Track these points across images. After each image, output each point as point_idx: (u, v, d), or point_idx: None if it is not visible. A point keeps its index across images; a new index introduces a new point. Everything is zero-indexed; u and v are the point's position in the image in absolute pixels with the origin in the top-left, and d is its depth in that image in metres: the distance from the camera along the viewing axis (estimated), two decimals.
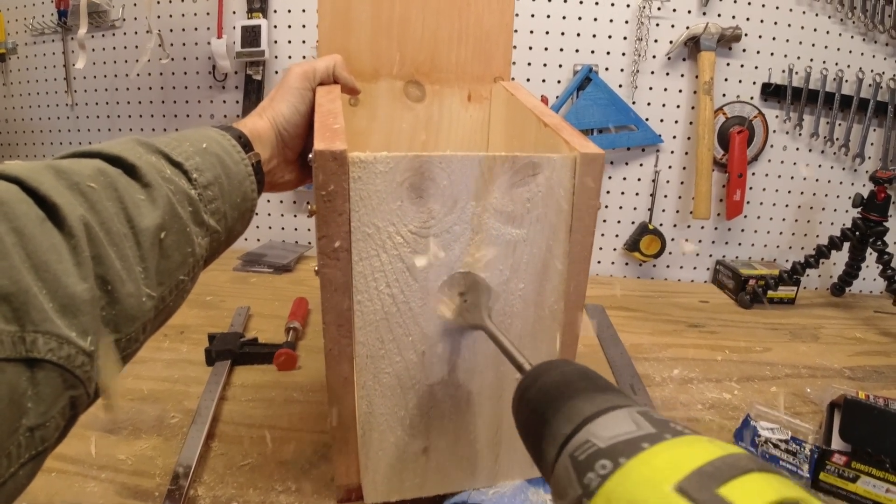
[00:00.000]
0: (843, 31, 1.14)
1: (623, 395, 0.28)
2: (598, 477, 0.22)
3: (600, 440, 0.24)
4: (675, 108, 1.17)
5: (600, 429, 0.25)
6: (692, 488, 0.19)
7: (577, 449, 0.25)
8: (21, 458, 0.26)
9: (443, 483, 0.52)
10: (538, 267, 0.46)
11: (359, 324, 0.44)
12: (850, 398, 0.61)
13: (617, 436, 0.24)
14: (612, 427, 0.24)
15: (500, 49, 0.70)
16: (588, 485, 0.22)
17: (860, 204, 1.02)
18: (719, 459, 0.20)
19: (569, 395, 0.28)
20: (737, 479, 0.19)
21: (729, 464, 0.20)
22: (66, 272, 0.28)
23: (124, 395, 0.68)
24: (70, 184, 0.31)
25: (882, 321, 1.08)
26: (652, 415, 0.25)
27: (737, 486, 0.19)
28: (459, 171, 0.41)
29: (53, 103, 1.31)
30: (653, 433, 0.23)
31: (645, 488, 0.20)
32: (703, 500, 0.19)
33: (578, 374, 0.30)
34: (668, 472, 0.20)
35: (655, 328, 0.98)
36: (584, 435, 0.25)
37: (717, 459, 0.20)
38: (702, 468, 0.20)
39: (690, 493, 0.19)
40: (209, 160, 0.41)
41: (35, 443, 0.26)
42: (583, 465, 0.23)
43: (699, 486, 0.19)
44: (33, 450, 0.26)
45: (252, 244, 1.27)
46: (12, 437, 0.25)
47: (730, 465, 0.20)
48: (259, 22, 1.13)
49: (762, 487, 0.19)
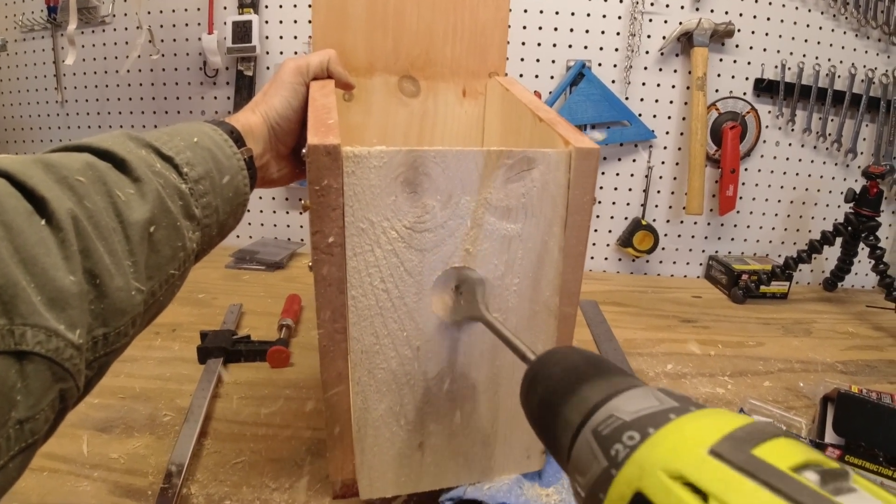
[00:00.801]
0: (836, 27, 1.14)
1: (634, 378, 0.28)
2: (625, 448, 0.22)
3: (625, 414, 0.24)
4: (667, 104, 1.17)
5: (623, 404, 0.25)
6: (727, 451, 0.20)
7: (600, 424, 0.25)
8: (11, 450, 0.26)
9: (439, 478, 0.52)
10: (533, 262, 0.46)
11: (353, 319, 0.44)
12: (844, 392, 0.61)
13: (641, 409, 0.24)
14: (635, 403, 0.25)
15: (496, 44, 0.69)
16: (615, 456, 0.23)
17: (852, 199, 1.03)
18: (749, 425, 0.21)
19: (583, 378, 0.28)
20: (767, 443, 0.20)
21: (758, 429, 0.21)
22: (54, 266, 0.28)
23: (116, 393, 0.68)
24: (59, 178, 0.31)
25: (874, 315, 1.08)
26: (672, 392, 0.25)
27: (768, 448, 0.20)
28: (454, 165, 0.41)
29: (43, 100, 1.30)
30: (677, 406, 0.24)
31: (679, 454, 0.21)
32: (739, 460, 0.19)
33: (588, 358, 0.31)
34: (700, 438, 0.21)
35: (649, 323, 0.99)
36: (606, 411, 0.25)
37: (746, 425, 0.21)
38: (733, 433, 0.21)
39: (725, 455, 0.19)
40: (201, 154, 0.41)
41: (25, 435, 0.26)
42: (608, 438, 0.24)
43: (733, 448, 0.20)
44: (23, 442, 0.26)
45: (244, 241, 1.27)
46: (2, 430, 0.25)
47: (759, 431, 0.21)
48: (250, 17, 1.13)
49: (792, 449, 0.20)
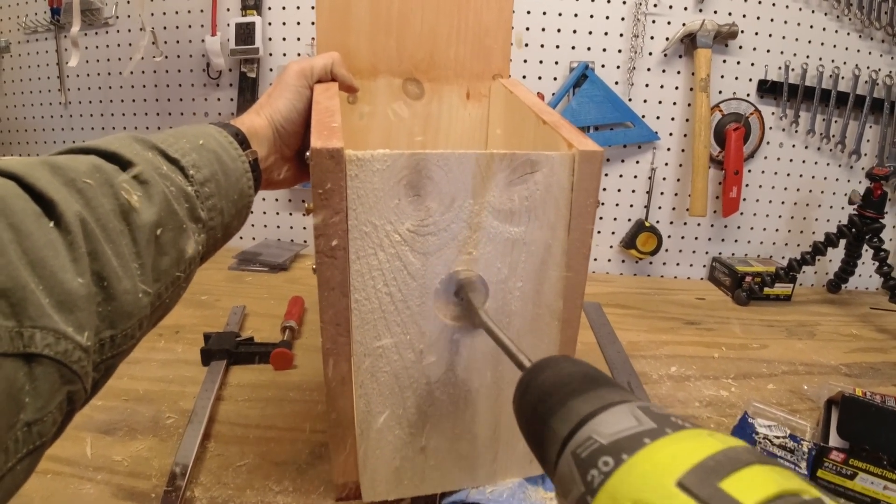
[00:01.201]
0: (840, 28, 1.14)
1: (623, 391, 0.28)
2: (600, 474, 0.22)
3: (602, 437, 0.24)
4: (671, 105, 1.17)
5: (602, 425, 0.25)
6: (694, 483, 0.19)
7: (579, 446, 0.25)
8: (18, 452, 0.26)
9: (441, 482, 0.52)
10: (536, 265, 0.46)
11: (356, 322, 0.43)
12: (848, 395, 0.61)
13: (619, 432, 0.24)
14: (614, 423, 0.24)
15: (499, 46, 0.69)
16: (591, 482, 0.23)
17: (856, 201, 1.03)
18: (720, 453, 0.21)
19: (568, 393, 0.28)
20: (738, 473, 0.19)
21: (730, 457, 0.20)
22: (62, 268, 0.28)
23: (119, 395, 0.68)
24: (66, 180, 0.31)
25: (878, 318, 1.08)
26: (652, 409, 0.25)
27: (738, 479, 0.19)
28: (457, 168, 0.41)
29: (47, 102, 1.30)
30: (654, 428, 0.23)
31: (648, 484, 0.20)
32: (704, 495, 0.19)
33: (577, 371, 0.30)
34: (669, 467, 0.20)
35: (652, 325, 0.98)
36: (585, 432, 0.25)
37: (718, 453, 0.20)
38: (703, 462, 0.20)
39: (692, 489, 0.19)
40: (206, 157, 0.41)
41: (32, 438, 0.26)
42: (585, 462, 0.24)
43: (701, 480, 0.19)
44: (31, 445, 0.26)
45: (247, 243, 1.27)
46: (10, 432, 0.25)
47: (731, 459, 0.20)
48: (253, 19, 1.13)
49: (763, 480, 0.19)
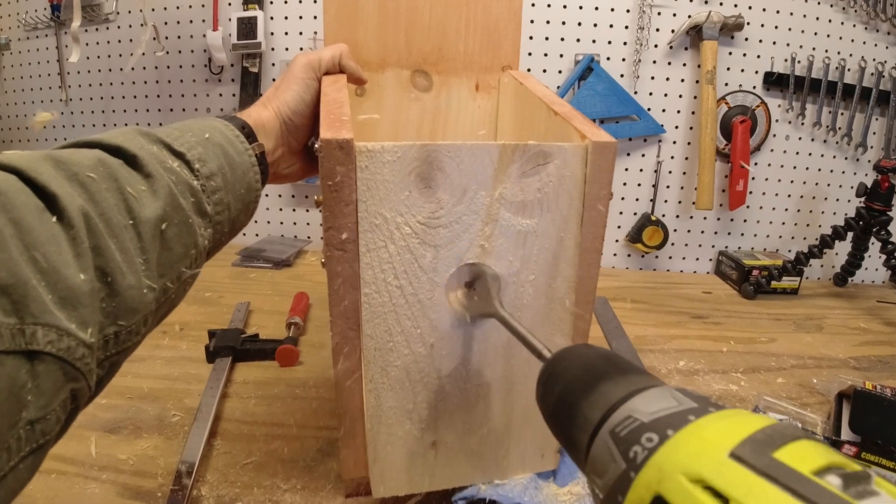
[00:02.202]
0: (846, 20, 1.13)
1: (652, 376, 0.28)
2: (644, 450, 0.22)
3: (643, 415, 0.24)
4: (677, 98, 1.16)
5: (641, 405, 0.25)
6: (747, 454, 0.19)
7: (617, 425, 0.24)
8: (21, 451, 0.25)
9: (452, 477, 0.51)
10: (549, 258, 0.45)
11: (366, 316, 0.43)
12: (860, 390, 0.61)
13: (660, 410, 0.24)
14: (653, 403, 0.24)
15: (509, 38, 0.68)
16: (634, 458, 0.22)
17: (864, 193, 1.02)
18: (769, 427, 0.21)
19: (601, 376, 0.28)
20: (788, 445, 0.20)
21: (778, 431, 0.21)
22: (65, 263, 0.27)
23: (124, 393, 0.67)
24: (69, 174, 0.30)
25: (886, 311, 1.08)
26: (690, 392, 0.25)
27: (790, 451, 0.19)
28: (469, 160, 0.40)
29: (48, 99, 1.29)
30: (696, 407, 0.23)
31: (699, 457, 0.20)
32: (760, 464, 0.19)
33: (606, 357, 0.30)
34: (720, 440, 0.20)
35: (659, 320, 0.98)
36: (623, 412, 0.25)
37: (766, 427, 0.21)
38: (753, 436, 0.20)
39: (746, 459, 0.19)
40: (212, 150, 0.41)
41: (36, 436, 0.26)
42: (626, 440, 0.23)
43: (754, 451, 0.19)
44: (34, 443, 0.26)
45: (251, 239, 1.26)
46: (12, 431, 0.25)
47: (779, 433, 0.20)
48: (255, 13, 1.12)
49: (813, 452, 0.20)
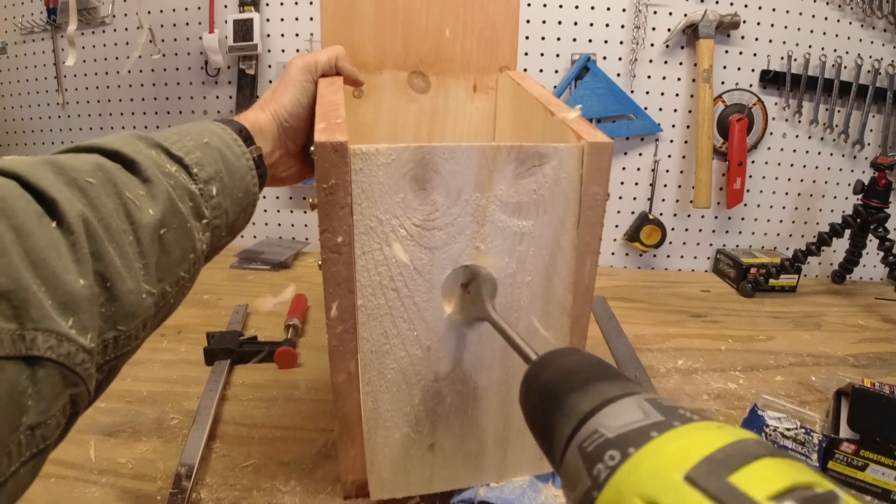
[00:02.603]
0: (842, 17, 1.13)
1: (630, 382, 0.28)
2: (606, 468, 0.22)
3: (608, 430, 0.24)
4: (673, 97, 1.16)
5: (608, 419, 0.24)
6: (702, 477, 0.19)
7: (585, 440, 0.24)
8: (22, 456, 0.25)
9: (450, 479, 0.51)
10: (545, 259, 0.45)
11: (362, 319, 0.43)
12: (858, 387, 0.61)
13: (625, 425, 0.23)
14: (621, 416, 0.24)
15: (507, 38, 0.68)
16: (597, 476, 0.22)
17: (861, 191, 1.02)
18: (730, 446, 0.20)
19: (575, 385, 0.28)
20: (748, 466, 0.19)
21: (739, 450, 0.20)
22: (65, 269, 0.27)
23: (123, 397, 0.67)
24: (68, 179, 0.30)
25: (883, 308, 1.08)
26: (660, 402, 0.25)
27: (748, 472, 0.19)
28: (464, 161, 0.40)
29: (45, 102, 1.29)
30: (661, 421, 0.23)
31: (654, 479, 0.20)
32: (713, 489, 0.18)
33: (584, 363, 0.30)
34: (677, 461, 0.20)
35: (658, 318, 0.98)
36: (592, 425, 0.25)
37: (727, 446, 0.20)
38: (712, 455, 0.20)
39: (700, 483, 0.19)
40: (210, 155, 0.41)
41: (36, 441, 0.26)
42: (591, 456, 0.23)
43: (709, 474, 0.19)
44: (34, 448, 0.26)
45: (248, 241, 1.26)
46: (13, 436, 0.25)
47: (740, 452, 0.20)
48: (251, 15, 1.12)
49: (774, 473, 0.19)
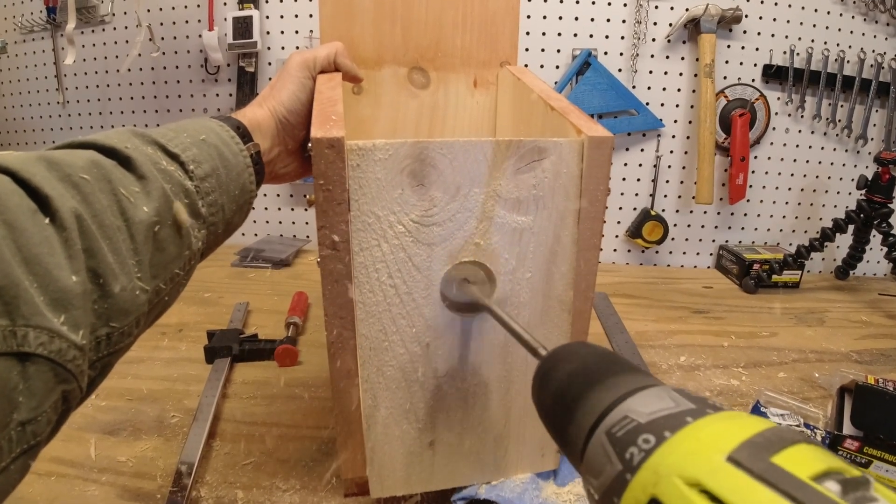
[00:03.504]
0: (844, 12, 1.12)
1: (651, 376, 0.27)
2: (640, 451, 0.22)
3: (640, 416, 0.23)
4: (675, 92, 1.16)
5: (638, 405, 0.24)
6: (745, 458, 0.19)
7: (614, 426, 0.24)
8: (13, 452, 0.25)
9: (450, 477, 0.51)
10: (546, 255, 0.45)
11: (361, 316, 0.43)
12: (862, 384, 0.60)
13: (657, 411, 0.23)
14: (651, 404, 0.24)
15: (507, 33, 0.68)
16: (630, 459, 0.22)
17: (864, 186, 1.01)
18: (768, 430, 0.20)
19: (597, 375, 0.27)
20: (787, 449, 0.19)
21: (777, 435, 0.20)
22: (57, 265, 0.27)
23: (123, 395, 0.67)
24: (62, 175, 0.30)
25: (887, 304, 1.07)
26: (688, 392, 0.25)
27: (788, 455, 0.19)
28: (462, 157, 0.40)
29: (45, 101, 1.29)
30: (693, 408, 0.23)
31: (696, 459, 0.20)
32: (758, 468, 0.18)
33: (600, 355, 0.30)
34: (717, 443, 0.20)
35: (660, 315, 0.98)
36: (620, 412, 0.24)
37: (765, 431, 0.20)
38: (751, 439, 0.20)
39: (744, 463, 0.19)
40: (207, 152, 0.40)
41: (27, 437, 0.26)
42: (622, 440, 0.23)
43: (752, 455, 0.19)
44: (25, 444, 0.26)
45: (249, 239, 1.26)
46: (3, 432, 0.25)
47: (778, 437, 0.20)
48: (251, 13, 1.11)
49: (812, 457, 0.19)
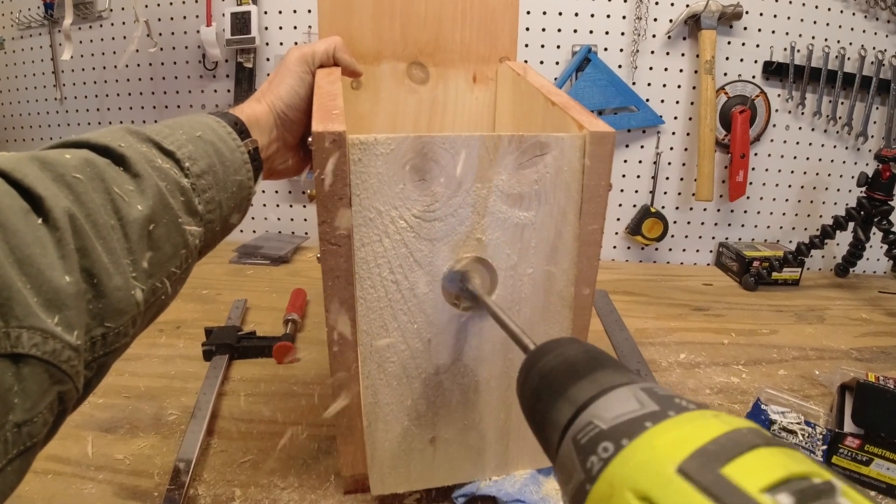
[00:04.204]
0: (845, 8, 1.12)
1: (627, 372, 0.27)
2: (600, 461, 0.22)
3: (603, 421, 0.23)
4: (675, 89, 1.15)
5: (603, 409, 0.24)
6: (695, 469, 0.18)
7: (579, 432, 0.24)
8: (9, 454, 0.25)
9: (451, 474, 0.51)
10: (547, 250, 0.44)
11: (362, 312, 0.42)
12: (863, 382, 0.60)
13: (620, 416, 0.23)
14: (616, 407, 0.24)
15: (506, 28, 0.67)
16: (591, 469, 0.22)
17: (865, 183, 1.01)
18: (724, 436, 0.20)
19: (570, 376, 0.27)
20: (742, 457, 0.19)
21: (733, 440, 0.19)
22: (50, 265, 0.27)
23: (120, 392, 0.67)
24: (55, 175, 0.30)
25: (887, 301, 1.07)
26: (656, 391, 0.24)
27: (741, 463, 0.18)
28: (464, 151, 0.40)
29: (42, 98, 1.29)
30: (656, 411, 0.22)
31: (647, 471, 0.20)
32: (705, 482, 0.18)
33: (580, 353, 0.29)
34: (670, 452, 0.20)
35: (660, 312, 0.97)
36: (586, 417, 0.24)
37: (721, 436, 0.20)
38: (705, 447, 0.19)
39: (693, 475, 0.18)
40: (203, 148, 0.40)
41: (23, 438, 0.26)
42: (585, 448, 0.23)
43: (702, 466, 0.18)
44: (21, 446, 0.26)
45: (248, 236, 1.25)
46: None
47: (734, 442, 0.19)
48: (249, 8, 1.11)
49: (769, 463, 0.18)
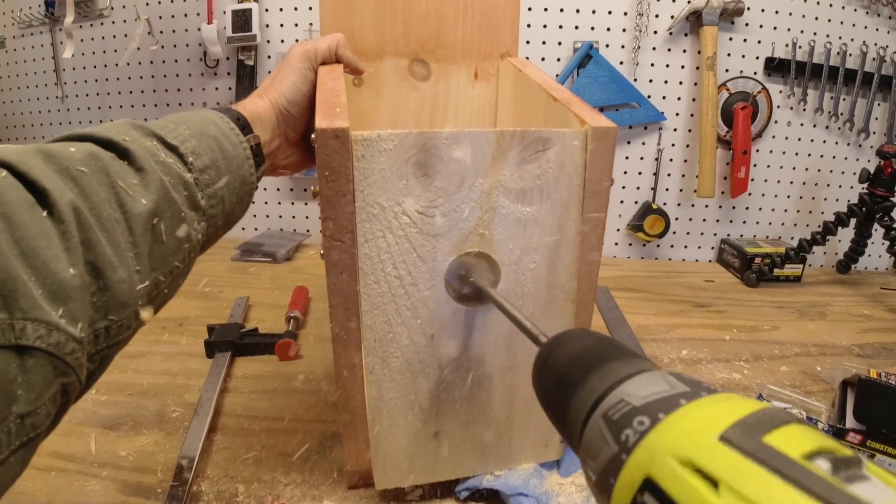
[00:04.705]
0: (847, 5, 1.12)
1: (647, 360, 0.28)
2: (635, 433, 0.22)
3: (635, 399, 0.24)
4: (677, 85, 1.15)
5: (634, 388, 0.25)
6: (737, 438, 0.19)
7: (610, 409, 0.24)
8: (12, 444, 0.26)
9: (455, 468, 0.51)
10: (550, 246, 0.44)
11: (366, 307, 0.42)
12: (865, 378, 0.60)
13: (652, 394, 0.24)
14: (646, 387, 0.24)
15: (508, 24, 0.67)
16: (626, 441, 0.22)
17: (866, 179, 1.01)
18: (759, 412, 0.21)
19: (595, 360, 0.28)
20: (778, 430, 0.20)
21: (769, 416, 0.20)
22: (55, 258, 0.27)
23: (123, 389, 0.67)
24: (60, 168, 0.30)
25: (889, 297, 1.07)
26: (684, 376, 0.25)
27: (779, 434, 0.19)
28: (467, 147, 0.40)
29: (44, 96, 1.29)
30: (688, 391, 0.23)
31: (689, 440, 0.20)
32: (749, 447, 0.19)
33: (599, 341, 0.30)
34: (710, 424, 0.20)
35: (661, 309, 0.97)
36: (616, 395, 0.25)
37: (757, 412, 0.21)
38: (743, 420, 0.20)
39: (736, 442, 0.19)
40: (207, 143, 0.40)
41: (26, 430, 0.26)
42: (618, 423, 0.23)
43: (744, 435, 0.19)
44: (24, 437, 0.26)
45: (249, 233, 1.25)
46: (3, 424, 0.25)
47: (770, 417, 0.20)
48: (250, 6, 1.11)
49: (804, 436, 0.19)
